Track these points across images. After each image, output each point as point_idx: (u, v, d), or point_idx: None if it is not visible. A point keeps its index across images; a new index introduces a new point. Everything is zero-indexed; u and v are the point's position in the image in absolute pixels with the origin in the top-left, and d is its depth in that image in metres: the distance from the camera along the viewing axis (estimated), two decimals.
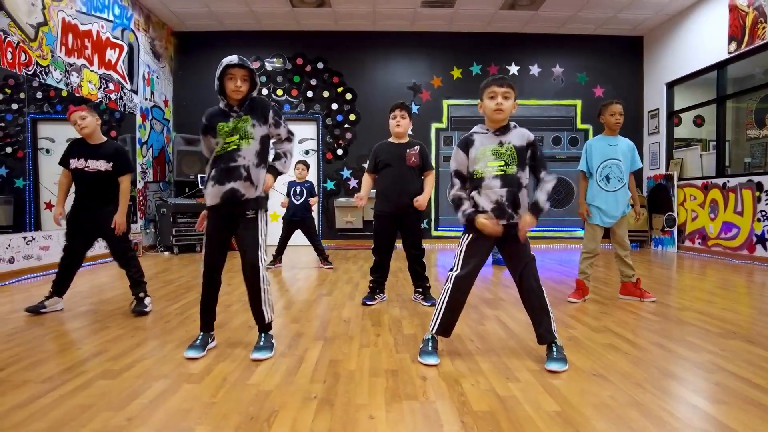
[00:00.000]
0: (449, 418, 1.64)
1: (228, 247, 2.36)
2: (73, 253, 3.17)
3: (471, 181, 2.24)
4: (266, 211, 2.36)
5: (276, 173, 2.35)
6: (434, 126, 8.00)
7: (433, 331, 2.23)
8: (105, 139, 3.21)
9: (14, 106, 4.56)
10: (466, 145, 2.25)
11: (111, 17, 6.05)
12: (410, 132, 3.45)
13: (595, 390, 1.88)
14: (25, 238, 4.59)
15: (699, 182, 6.70)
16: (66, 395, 1.82)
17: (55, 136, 5.23)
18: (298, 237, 5.34)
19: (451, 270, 2.25)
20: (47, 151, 5.08)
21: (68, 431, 1.55)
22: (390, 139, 3.44)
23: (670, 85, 7.47)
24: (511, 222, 2.16)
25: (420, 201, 3.30)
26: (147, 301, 3.18)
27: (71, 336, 2.65)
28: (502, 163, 2.16)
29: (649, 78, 7.96)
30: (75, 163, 3.09)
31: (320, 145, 7.97)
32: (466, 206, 2.22)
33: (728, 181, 6.16)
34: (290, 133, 2.41)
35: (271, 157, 2.38)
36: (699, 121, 8.33)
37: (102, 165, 3.09)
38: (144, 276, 3.25)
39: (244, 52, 7.91)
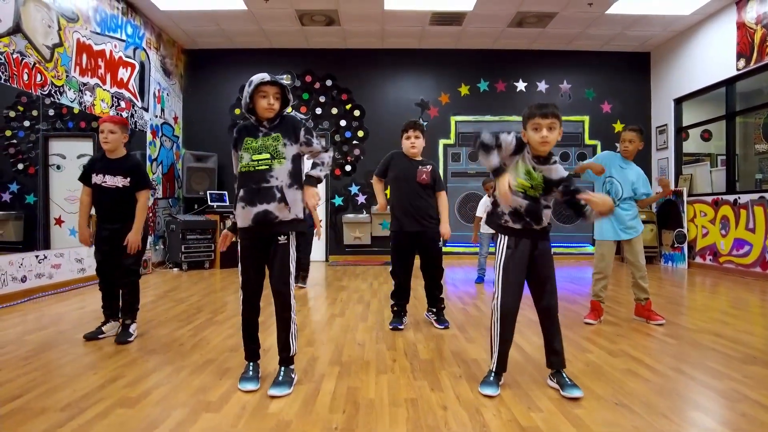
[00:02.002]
0: None
1: (264, 271, 2.27)
2: (105, 273, 3.09)
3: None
4: (304, 233, 2.27)
5: (314, 182, 2.23)
6: (442, 142, 8.03)
7: (494, 369, 2.19)
8: (125, 153, 3.13)
9: (26, 123, 4.61)
10: (520, 147, 2.15)
11: (124, 37, 6.14)
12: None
13: (620, 420, 1.85)
14: (37, 256, 4.60)
15: (709, 198, 6.67)
16: (86, 424, 1.81)
17: (66, 153, 5.29)
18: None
19: (494, 299, 2.19)
20: (58, 167, 5.13)
21: None
22: (405, 152, 3.38)
23: (678, 101, 7.48)
24: (529, 228, 2.15)
25: (443, 231, 3.28)
26: (132, 328, 3.07)
27: (86, 359, 2.64)
28: (529, 185, 2.13)
29: (656, 94, 7.97)
30: (95, 179, 3.05)
31: None
32: (498, 160, 2.08)
33: (739, 198, 6.12)
34: (325, 146, 2.32)
35: (307, 168, 2.28)
36: (706, 136, 8.31)
37: (119, 181, 3.03)
38: (139, 302, 3.15)
39: (254, 70, 7.90)
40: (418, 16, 6.74)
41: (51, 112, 4.89)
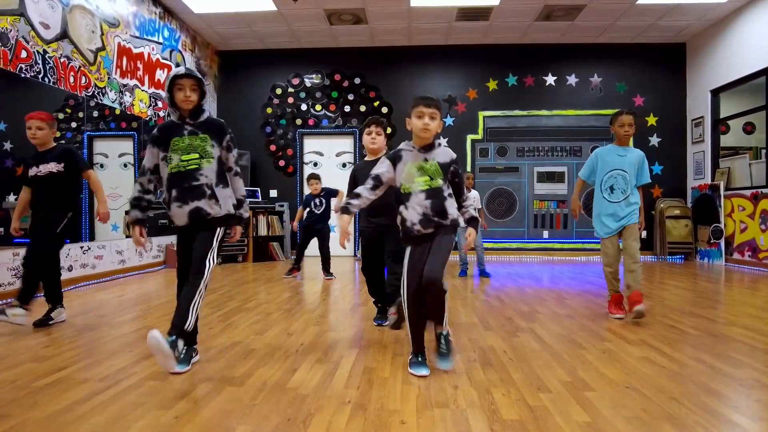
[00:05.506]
0: (479, 426, 1.68)
1: None
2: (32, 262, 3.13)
3: (398, 195, 2.32)
4: (231, 227, 2.36)
5: (242, 222, 2.41)
6: (470, 138, 8.03)
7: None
8: (54, 144, 3.21)
9: (73, 125, 4.91)
10: (394, 159, 2.32)
11: (161, 39, 6.43)
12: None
13: (628, 402, 1.88)
14: (81, 247, 4.90)
15: (748, 192, 6.44)
16: (120, 393, 1.97)
17: (108, 152, 5.61)
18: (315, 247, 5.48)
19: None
20: (101, 165, 5.44)
21: (123, 425, 1.68)
22: (366, 158, 3.25)
23: (716, 92, 7.24)
24: (436, 230, 2.24)
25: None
26: (54, 313, 3.17)
27: (123, 340, 2.83)
28: (428, 178, 2.23)
29: (692, 85, 7.73)
30: (31, 172, 3.14)
31: (357, 158, 8.13)
32: (352, 201, 2.27)
33: None
34: (237, 163, 2.42)
35: (232, 202, 2.36)
36: (749, 129, 8.00)
37: (53, 167, 3.10)
38: (61, 289, 3.24)
39: (284, 70, 8.23)
40: (445, 12, 6.77)
41: (95, 114, 5.19)
